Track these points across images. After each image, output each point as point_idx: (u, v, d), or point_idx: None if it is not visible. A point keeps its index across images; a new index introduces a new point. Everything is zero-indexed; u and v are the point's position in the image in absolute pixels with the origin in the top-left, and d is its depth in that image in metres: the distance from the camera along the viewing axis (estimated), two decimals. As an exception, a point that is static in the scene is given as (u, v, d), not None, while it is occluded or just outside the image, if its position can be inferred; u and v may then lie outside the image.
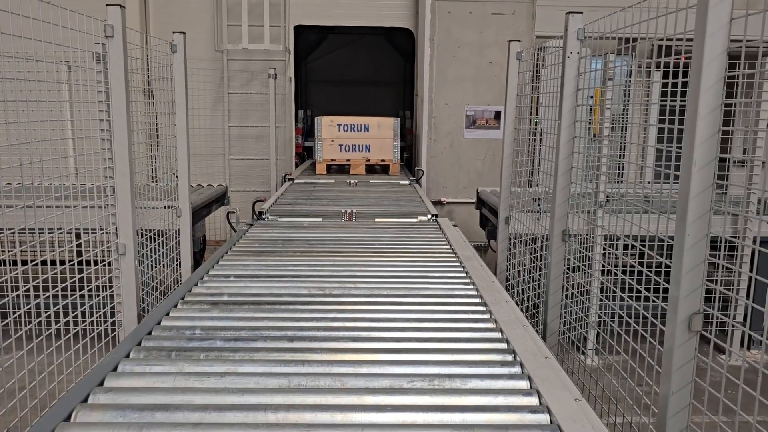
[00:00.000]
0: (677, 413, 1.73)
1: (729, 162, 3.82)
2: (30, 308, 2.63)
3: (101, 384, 1.81)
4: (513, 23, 7.30)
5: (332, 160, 7.28)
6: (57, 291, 2.81)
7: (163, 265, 4.16)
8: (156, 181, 4.55)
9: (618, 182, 5.26)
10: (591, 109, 4.27)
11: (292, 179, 6.71)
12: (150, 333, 2.22)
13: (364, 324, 2.33)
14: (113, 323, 3.19)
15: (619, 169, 5.43)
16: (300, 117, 9.90)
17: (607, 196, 4.53)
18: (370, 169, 7.40)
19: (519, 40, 4.05)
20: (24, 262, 2.67)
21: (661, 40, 2.35)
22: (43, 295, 2.74)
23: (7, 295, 2.47)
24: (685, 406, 1.74)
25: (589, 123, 4.38)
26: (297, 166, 8.64)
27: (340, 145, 7.21)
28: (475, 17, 7.32)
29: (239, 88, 8.33)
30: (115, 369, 1.91)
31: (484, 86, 7.52)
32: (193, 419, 1.62)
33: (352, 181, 6.60)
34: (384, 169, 7.45)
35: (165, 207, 4.33)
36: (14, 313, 2.54)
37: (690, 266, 1.67)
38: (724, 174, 5.04)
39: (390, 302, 2.58)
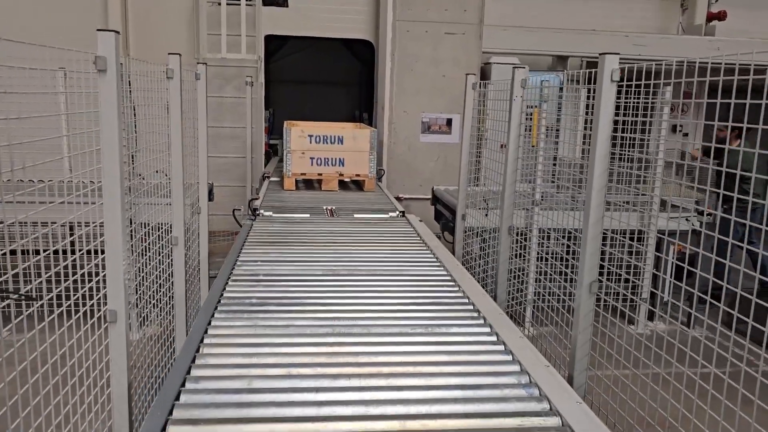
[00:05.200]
0: (581, 346, 2.75)
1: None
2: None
3: (206, 332, 2.67)
4: (463, 42, 8.32)
5: (302, 174, 6.78)
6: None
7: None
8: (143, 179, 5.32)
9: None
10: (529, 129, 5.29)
11: (268, 177, 7.53)
12: (219, 301, 3.08)
13: (372, 293, 3.25)
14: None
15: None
16: (266, 116, 10.63)
17: (542, 196, 5.61)
18: (343, 185, 6.95)
19: (474, 74, 5.03)
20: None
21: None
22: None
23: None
24: (586, 341, 2.76)
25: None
26: (265, 164, 9.41)
27: (311, 158, 6.69)
28: (430, 36, 8.30)
29: (213, 92, 9.02)
30: (209, 323, 2.77)
31: (437, 96, 8.52)
32: (279, 350, 2.51)
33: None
34: (358, 185, 6.99)
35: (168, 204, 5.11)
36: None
37: (591, 251, 2.67)
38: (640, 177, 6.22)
39: (387, 279, 3.51)
